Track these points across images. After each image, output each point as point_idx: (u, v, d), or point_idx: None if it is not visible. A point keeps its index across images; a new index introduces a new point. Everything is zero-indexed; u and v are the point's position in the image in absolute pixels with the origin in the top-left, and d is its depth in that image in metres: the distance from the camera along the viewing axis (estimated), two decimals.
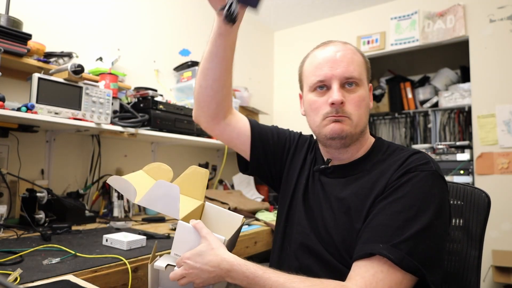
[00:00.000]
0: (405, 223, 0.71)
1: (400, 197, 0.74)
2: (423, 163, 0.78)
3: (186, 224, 0.82)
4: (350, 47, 0.88)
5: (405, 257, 0.68)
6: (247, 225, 1.67)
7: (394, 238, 0.70)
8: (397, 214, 0.72)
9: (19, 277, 0.78)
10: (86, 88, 1.51)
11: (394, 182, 0.77)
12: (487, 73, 2.51)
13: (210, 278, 0.76)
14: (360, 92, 0.84)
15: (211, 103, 0.95)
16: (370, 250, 0.70)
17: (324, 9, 3.10)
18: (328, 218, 0.84)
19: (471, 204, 0.95)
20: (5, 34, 1.38)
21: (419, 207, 0.72)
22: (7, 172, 1.46)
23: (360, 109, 0.84)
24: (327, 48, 0.88)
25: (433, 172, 0.76)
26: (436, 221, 0.72)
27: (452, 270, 0.96)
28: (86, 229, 1.41)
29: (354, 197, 0.81)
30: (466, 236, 0.95)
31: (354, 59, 0.85)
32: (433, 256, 0.71)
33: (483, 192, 0.94)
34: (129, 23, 2.17)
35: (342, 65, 0.83)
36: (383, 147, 0.88)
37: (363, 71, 0.87)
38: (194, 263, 0.76)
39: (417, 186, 0.74)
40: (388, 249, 0.68)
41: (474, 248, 0.93)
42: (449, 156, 2.65)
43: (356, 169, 0.86)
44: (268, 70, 3.47)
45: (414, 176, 0.76)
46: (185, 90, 2.37)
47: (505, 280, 2.25)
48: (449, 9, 2.66)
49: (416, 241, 0.69)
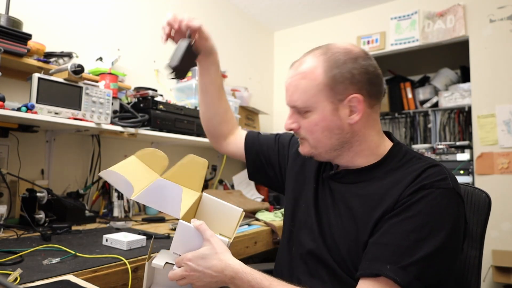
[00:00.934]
0: (415, 244, 0.67)
1: (412, 216, 0.70)
2: (439, 179, 0.72)
3: (187, 225, 0.79)
4: (304, 67, 0.81)
5: (413, 281, 0.65)
6: (247, 225, 1.67)
7: (404, 259, 0.66)
8: (408, 233, 0.68)
9: (19, 277, 0.78)
10: (86, 88, 1.51)
11: (406, 198, 0.72)
12: (487, 73, 2.51)
13: (212, 282, 0.75)
14: (311, 117, 0.80)
15: (209, 127, 1.15)
16: (376, 270, 0.67)
17: (324, 9, 3.10)
18: (335, 226, 0.81)
19: (471, 204, 0.95)
20: (5, 34, 1.38)
21: (432, 227, 0.68)
22: (7, 172, 1.46)
23: (313, 134, 0.81)
24: (289, 70, 0.87)
25: (450, 190, 0.71)
26: (449, 242, 0.68)
27: None
28: (86, 229, 1.41)
29: (362, 206, 0.78)
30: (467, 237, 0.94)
31: (299, 87, 0.80)
32: (442, 280, 0.69)
33: (484, 192, 0.94)
34: (129, 23, 2.17)
35: (288, 94, 0.84)
36: (399, 154, 0.82)
37: (317, 94, 0.79)
38: (196, 266, 0.75)
39: (431, 204, 0.70)
40: (396, 272, 0.65)
41: (475, 248, 0.93)
42: (449, 156, 2.64)
43: (368, 176, 0.82)
44: (268, 70, 3.47)
45: (429, 193, 0.71)
46: (185, 90, 2.37)
47: (505, 280, 2.25)
48: (449, 9, 2.66)
49: (427, 264, 0.66)
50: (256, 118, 2.91)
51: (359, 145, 0.82)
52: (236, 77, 2.98)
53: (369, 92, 0.79)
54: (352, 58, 0.78)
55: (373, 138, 0.83)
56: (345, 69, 0.78)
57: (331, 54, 0.79)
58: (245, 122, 2.75)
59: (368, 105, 0.80)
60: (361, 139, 0.82)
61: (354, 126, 0.80)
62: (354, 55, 0.79)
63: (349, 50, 0.80)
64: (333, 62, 0.78)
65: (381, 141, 0.84)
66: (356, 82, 0.78)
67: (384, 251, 0.69)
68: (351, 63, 0.78)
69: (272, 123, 3.42)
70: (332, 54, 0.79)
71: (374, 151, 0.83)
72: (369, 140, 0.82)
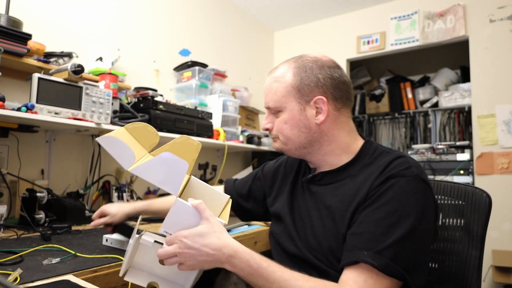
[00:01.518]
0: (388, 230, 0.72)
1: (382, 204, 0.76)
2: (404, 168, 0.79)
3: (185, 203, 0.75)
4: (277, 73, 0.92)
5: (389, 263, 0.69)
6: (247, 225, 1.67)
7: (378, 245, 0.71)
8: (380, 221, 0.74)
9: (19, 277, 0.78)
10: (86, 88, 1.51)
11: (376, 189, 0.78)
12: (487, 73, 2.51)
13: (206, 261, 0.73)
14: (282, 117, 0.90)
15: None
16: (355, 258, 0.72)
17: (324, 9, 3.10)
18: (317, 226, 0.86)
19: (472, 204, 0.95)
20: (5, 34, 1.38)
21: (401, 213, 0.73)
22: (7, 172, 1.46)
23: (283, 131, 0.91)
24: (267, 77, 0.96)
25: (414, 177, 0.77)
26: (419, 225, 0.73)
27: (453, 270, 0.96)
28: (86, 229, 1.41)
29: (339, 203, 0.83)
30: (467, 236, 0.94)
31: (272, 89, 0.91)
32: (416, 261, 0.73)
33: (484, 192, 0.94)
34: (129, 23, 2.17)
35: (264, 96, 0.94)
36: (370, 150, 0.89)
37: (286, 95, 0.89)
38: (192, 243, 0.72)
39: (398, 192, 0.76)
40: (372, 257, 0.70)
41: (475, 248, 0.92)
42: (449, 156, 2.65)
43: (343, 174, 0.88)
44: (268, 70, 3.46)
45: (396, 182, 0.77)
46: (185, 90, 2.37)
47: (505, 280, 2.25)
48: (449, 9, 2.67)
49: (399, 247, 0.71)
50: (256, 118, 2.92)
51: (329, 144, 0.90)
52: (236, 77, 2.99)
53: (334, 96, 0.88)
54: (319, 66, 0.88)
55: (343, 139, 0.90)
56: (312, 74, 0.87)
57: (301, 62, 0.90)
58: (245, 122, 2.75)
59: (334, 108, 0.88)
60: (330, 139, 0.89)
61: (322, 126, 0.88)
62: (321, 63, 0.89)
63: (318, 59, 0.90)
64: (302, 67, 0.89)
65: (352, 140, 0.91)
66: (321, 85, 0.87)
67: (360, 239, 0.74)
68: (318, 69, 0.88)
69: None
70: (302, 61, 0.90)
71: (345, 150, 0.90)
72: (338, 140, 0.90)
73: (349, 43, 3.09)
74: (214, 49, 2.81)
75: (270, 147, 2.66)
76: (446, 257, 0.98)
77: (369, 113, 3.66)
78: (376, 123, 3.70)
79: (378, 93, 3.57)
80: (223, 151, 2.54)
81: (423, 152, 2.74)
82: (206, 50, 2.73)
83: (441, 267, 0.98)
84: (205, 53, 2.69)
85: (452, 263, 0.96)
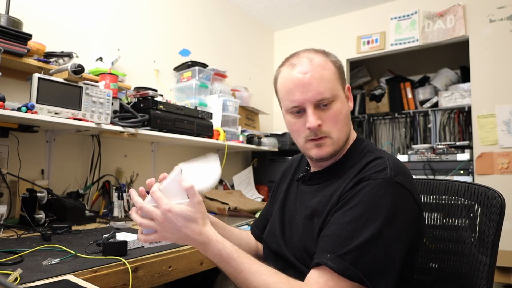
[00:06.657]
0: (353, 233, 0.71)
1: (351, 207, 0.75)
2: (377, 170, 0.77)
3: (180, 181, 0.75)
4: (318, 61, 0.83)
5: (348, 267, 0.68)
6: (247, 225, 1.67)
7: (341, 248, 0.71)
8: (346, 224, 0.73)
9: (19, 277, 0.78)
10: (86, 88, 1.51)
11: (348, 192, 0.77)
12: (487, 73, 2.51)
13: (181, 240, 0.75)
14: (335, 107, 0.82)
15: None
16: (317, 260, 0.72)
17: (324, 9, 3.10)
18: (298, 225, 0.87)
19: (484, 206, 0.89)
20: (5, 34, 1.38)
21: (368, 216, 0.72)
22: (7, 172, 1.46)
23: (338, 123, 0.83)
24: (295, 68, 0.84)
25: (387, 180, 0.75)
26: (386, 229, 0.71)
27: (459, 271, 0.92)
28: (86, 229, 1.41)
29: (318, 204, 0.83)
30: (477, 240, 0.90)
31: (324, 77, 0.81)
32: (381, 265, 0.70)
33: (497, 193, 0.87)
34: (129, 23, 2.17)
35: (311, 88, 0.81)
36: (358, 149, 0.87)
37: (336, 82, 0.84)
38: (174, 219, 0.72)
39: (368, 195, 0.74)
40: (333, 260, 0.70)
41: (485, 254, 0.86)
42: (449, 156, 2.64)
43: (329, 176, 0.87)
44: (268, 70, 3.47)
45: (367, 185, 0.75)
46: (185, 90, 2.37)
47: (505, 280, 2.25)
48: (449, 9, 2.66)
49: (362, 251, 0.69)
50: (256, 118, 2.91)
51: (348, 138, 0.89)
52: (236, 77, 2.98)
53: None
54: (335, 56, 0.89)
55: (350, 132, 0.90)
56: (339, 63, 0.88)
57: (322, 51, 0.87)
58: (245, 122, 2.75)
59: None
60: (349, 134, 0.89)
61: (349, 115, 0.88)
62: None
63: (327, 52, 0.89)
64: (330, 54, 0.87)
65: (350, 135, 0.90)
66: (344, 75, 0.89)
67: (326, 242, 0.74)
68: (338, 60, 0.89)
69: (272, 123, 3.42)
70: (323, 51, 0.87)
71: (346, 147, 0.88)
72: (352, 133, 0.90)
73: (349, 43, 3.09)
74: (214, 49, 2.81)
75: (270, 147, 2.66)
76: (451, 257, 0.95)
77: (369, 113, 3.66)
78: (376, 123, 3.70)
79: (378, 93, 3.57)
80: (223, 151, 2.54)
81: (423, 152, 2.73)
82: (206, 50, 2.73)
83: (443, 267, 0.96)
84: (205, 53, 2.69)
85: (457, 263, 0.93)
